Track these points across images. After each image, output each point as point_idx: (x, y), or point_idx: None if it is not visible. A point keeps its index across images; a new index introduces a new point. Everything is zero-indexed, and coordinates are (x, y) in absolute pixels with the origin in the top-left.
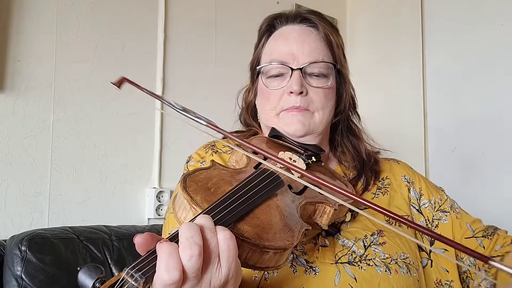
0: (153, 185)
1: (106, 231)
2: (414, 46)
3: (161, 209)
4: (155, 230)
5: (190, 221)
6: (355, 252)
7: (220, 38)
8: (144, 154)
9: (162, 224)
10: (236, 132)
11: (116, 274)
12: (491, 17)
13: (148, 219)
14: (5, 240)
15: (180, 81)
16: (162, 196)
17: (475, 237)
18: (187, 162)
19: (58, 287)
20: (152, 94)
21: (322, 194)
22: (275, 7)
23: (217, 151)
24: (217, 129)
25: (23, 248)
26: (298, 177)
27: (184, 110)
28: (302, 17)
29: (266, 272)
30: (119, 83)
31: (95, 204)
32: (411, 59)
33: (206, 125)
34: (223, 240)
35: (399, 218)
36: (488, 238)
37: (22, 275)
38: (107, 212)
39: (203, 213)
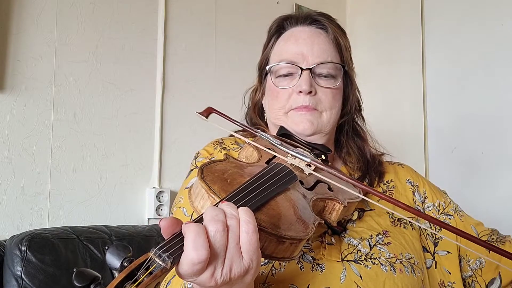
0: (153, 185)
1: (106, 231)
2: (414, 46)
3: (161, 209)
4: (155, 230)
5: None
6: (360, 250)
7: (220, 38)
8: (144, 154)
9: None
10: (243, 130)
11: (116, 274)
12: (491, 17)
13: (148, 219)
14: (5, 240)
15: (180, 81)
16: (162, 196)
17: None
18: (195, 158)
19: (58, 287)
20: (240, 124)
21: (335, 189)
22: (275, 8)
23: (225, 147)
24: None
25: (23, 248)
26: (309, 173)
27: (282, 144)
28: (312, 19)
29: (273, 268)
30: (206, 113)
31: (95, 204)
32: (411, 59)
33: (310, 163)
34: (246, 232)
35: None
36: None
37: (22, 275)
38: (107, 212)
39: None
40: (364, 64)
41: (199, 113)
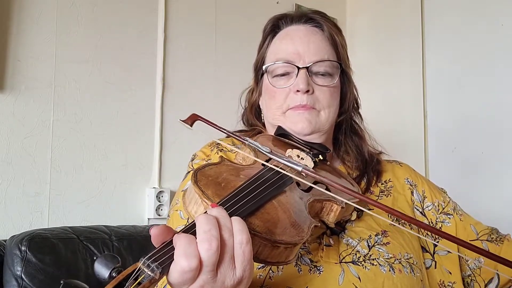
0: (153, 185)
1: (106, 231)
2: (414, 46)
3: (161, 209)
4: None
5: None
6: (359, 251)
7: (220, 38)
8: (144, 154)
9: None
10: (240, 131)
11: (115, 275)
12: (491, 17)
13: (148, 219)
14: (5, 240)
15: (180, 81)
16: (162, 196)
17: (480, 239)
18: (192, 160)
19: (58, 287)
20: (227, 131)
21: (329, 193)
22: (275, 7)
23: (222, 149)
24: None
25: (23, 248)
26: (305, 176)
27: (271, 152)
28: (307, 17)
29: (271, 271)
30: (190, 121)
31: (95, 204)
32: (411, 59)
33: (301, 171)
34: (239, 244)
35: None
36: (494, 243)
37: (22, 275)
38: (107, 212)
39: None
40: (364, 64)
41: (182, 121)
